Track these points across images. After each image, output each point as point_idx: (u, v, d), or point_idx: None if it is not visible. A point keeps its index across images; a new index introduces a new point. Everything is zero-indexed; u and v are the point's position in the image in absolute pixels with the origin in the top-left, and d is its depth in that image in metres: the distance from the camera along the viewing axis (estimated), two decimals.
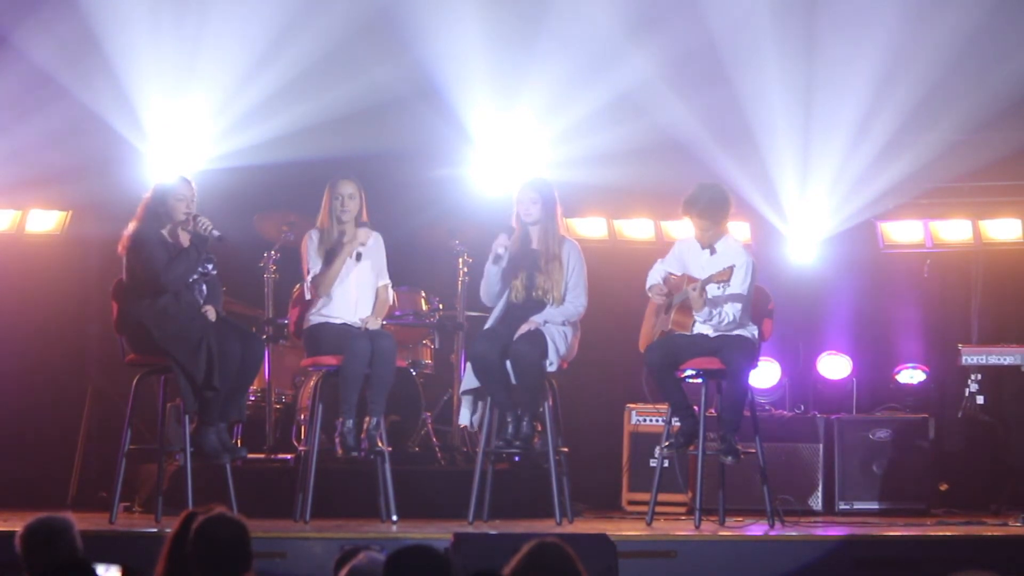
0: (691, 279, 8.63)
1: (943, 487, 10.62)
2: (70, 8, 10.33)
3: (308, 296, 8.75)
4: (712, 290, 8.54)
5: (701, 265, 8.69)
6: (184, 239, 8.42)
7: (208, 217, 8.42)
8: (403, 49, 11.16)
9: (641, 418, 10.32)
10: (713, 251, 8.72)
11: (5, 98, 10.49)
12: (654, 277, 8.84)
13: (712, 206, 8.66)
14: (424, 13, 11.10)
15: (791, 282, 11.08)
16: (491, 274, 8.79)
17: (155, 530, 7.82)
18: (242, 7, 10.74)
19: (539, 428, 8.78)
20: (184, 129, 10.72)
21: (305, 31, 10.83)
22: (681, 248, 8.92)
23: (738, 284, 8.57)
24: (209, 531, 4.35)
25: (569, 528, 8.49)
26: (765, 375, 10.65)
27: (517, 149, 11.22)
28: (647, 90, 10.82)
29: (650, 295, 8.81)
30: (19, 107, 10.58)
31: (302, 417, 9.75)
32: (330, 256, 8.70)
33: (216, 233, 8.33)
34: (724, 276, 8.46)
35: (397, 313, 10.06)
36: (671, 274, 8.79)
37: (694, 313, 8.59)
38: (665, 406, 8.81)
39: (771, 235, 11.25)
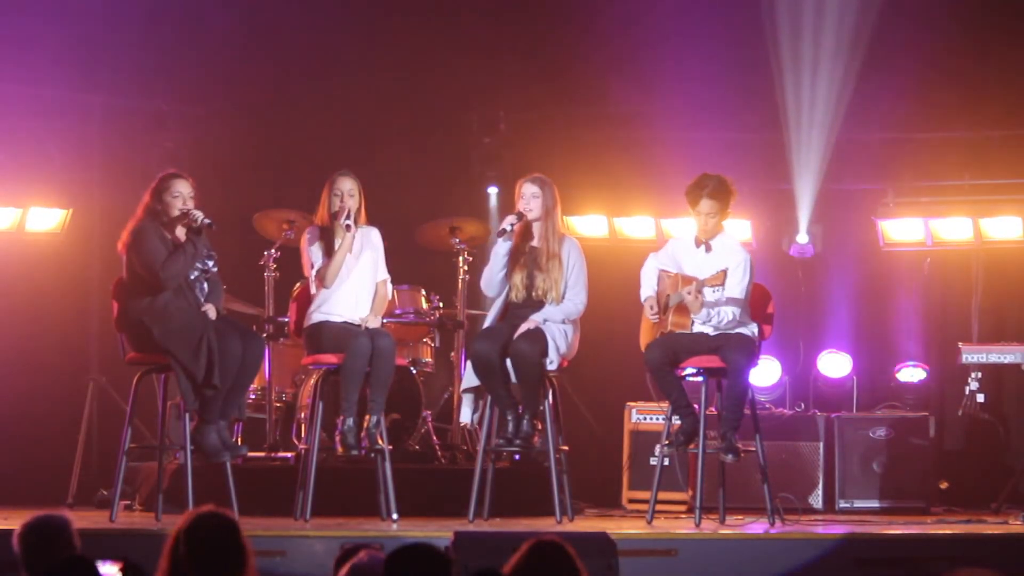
0: (685, 279, 8.61)
1: (943, 485, 10.63)
2: None
3: (314, 290, 8.74)
4: (708, 293, 8.52)
5: (697, 263, 8.67)
6: (182, 235, 8.43)
7: (201, 210, 8.41)
8: (403, 44, 11.18)
9: (641, 416, 10.32)
10: (709, 248, 8.71)
11: None
12: (648, 276, 8.80)
13: (721, 188, 8.65)
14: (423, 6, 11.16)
15: (791, 280, 11.09)
16: (498, 254, 8.75)
17: (155, 528, 7.82)
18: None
19: (539, 426, 8.78)
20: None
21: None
22: (675, 247, 8.90)
23: (735, 285, 8.55)
24: (197, 529, 4.34)
25: (569, 526, 8.49)
26: (765, 373, 10.65)
27: (520, 146, 11.27)
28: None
29: (643, 305, 8.79)
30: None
31: (302, 415, 9.75)
32: (331, 251, 8.70)
33: (207, 221, 8.32)
34: (718, 280, 8.45)
35: (397, 311, 10.06)
36: (664, 271, 8.77)
37: (692, 315, 8.58)
38: (667, 404, 8.80)
39: (772, 233, 11.25)
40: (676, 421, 8.71)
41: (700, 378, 8.66)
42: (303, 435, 9.59)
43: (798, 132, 10.89)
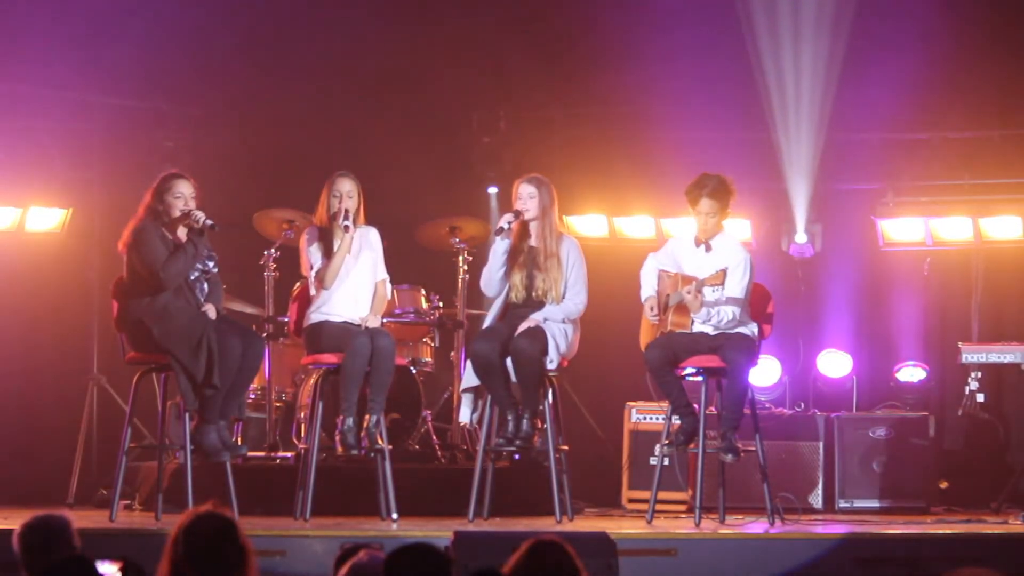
0: (685, 278, 8.61)
1: (943, 485, 10.63)
2: None
3: (313, 291, 8.75)
4: (708, 293, 8.52)
5: (697, 263, 8.67)
6: (183, 236, 8.43)
7: (202, 210, 8.42)
8: (403, 44, 11.19)
9: (641, 416, 10.31)
10: (709, 248, 8.71)
11: None
12: (648, 276, 8.80)
13: (721, 188, 8.66)
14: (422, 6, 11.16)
15: (791, 280, 11.08)
16: (496, 252, 8.74)
17: (155, 528, 7.83)
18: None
19: (539, 426, 8.78)
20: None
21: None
22: (674, 246, 8.90)
23: (735, 284, 8.55)
24: (194, 529, 4.34)
25: (569, 526, 8.49)
26: (765, 373, 10.64)
27: (520, 146, 11.27)
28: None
29: (644, 305, 8.79)
30: None
31: (302, 415, 9.76)
32: (330, 251, 8.70)
33: (209, 222, 8.33)
34: (717, 280, 8.45)
35: (397, 311, 10.07)
36: (664, 271, 8.77)
37: (692, 315, 8.58)
38: (667, 404, 8.80)
39: (772, 232, 11.25)
40: (676, 421, 8.72)
41: (700, 378, 8.66)
42: (303, 435, 9.59)
43: (786, 131, 10.88)
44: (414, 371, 10.02)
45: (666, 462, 8.96)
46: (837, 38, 10.67)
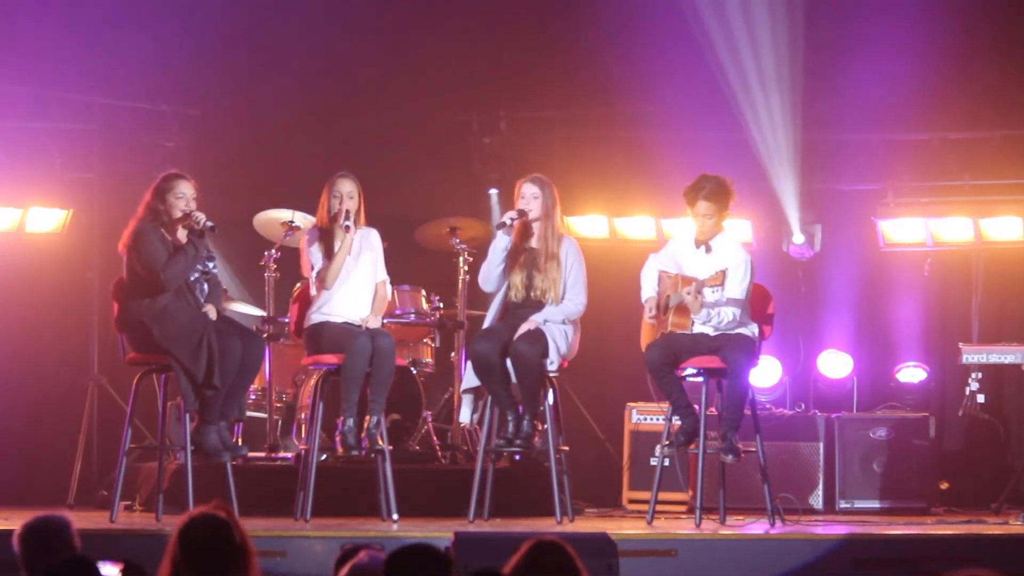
0: (685, 279, 8.61)
1: (943, 486, 10.62)
2: None
3: (314, 291, 8.75)
4: (708, 294, 8.52)
5: (697, 264, 8.67)
6: (183, 237, 8.43)
7: (202, 211, 8.42)
8: (404, 44, 11.19)
9: (641, 417, 10.31)
10: (709, 249, 8.70)
11: None
12: (648, 277, 8.80)
13: (719, 190, 8.65)
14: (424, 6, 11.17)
15: (791, 280, 11.08)
16: (496, 248, 8.74)
17: (155, 529, 7.83)
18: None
19: (540, 427, 8.78)
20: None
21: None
22: (674, 247, 8.90)
23: (735, 285, 8.55)
24: (189, 531, 4.34)
25: (570, 527, 8.49)
26: (766, 373, 10.64)
27: (520, 146, 11.26)
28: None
29: (644, 306, 8.79)
30: None
31: (303, 416, 9.76)
32: (331, 252, 8.70)
33: (209, 224, 8.33)
34: (717, 280, 8.44)
35: (398, 312, 10.07)
36: (664, 272, 8.76)
37: (692, 316, 8.58)
38: (667, 404, 8.79)
39: (772, 233, 11.24)
40: (676, 421, 8.71)
41: (700, 378, 8.66)
42: (303, 435, 9.58)
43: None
44: (414, 372, 10.02)
45: (666, 463, 8.95)
46: (824, 35, 10.67)
